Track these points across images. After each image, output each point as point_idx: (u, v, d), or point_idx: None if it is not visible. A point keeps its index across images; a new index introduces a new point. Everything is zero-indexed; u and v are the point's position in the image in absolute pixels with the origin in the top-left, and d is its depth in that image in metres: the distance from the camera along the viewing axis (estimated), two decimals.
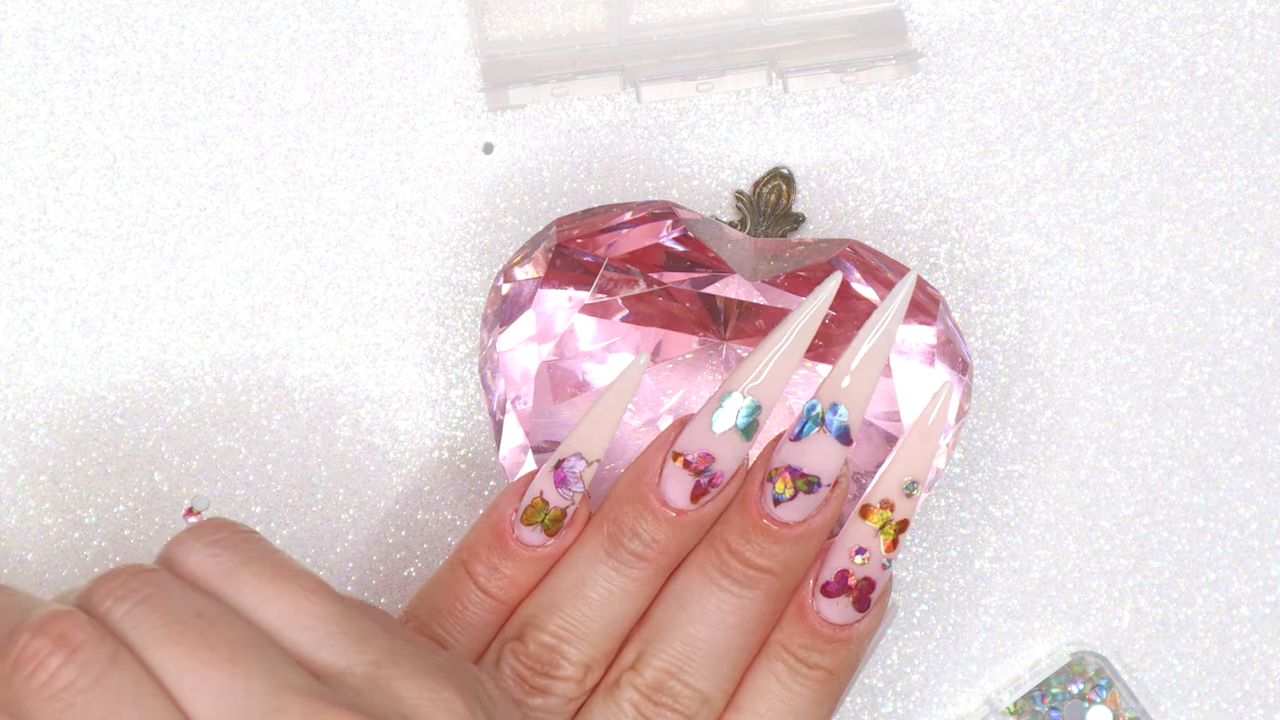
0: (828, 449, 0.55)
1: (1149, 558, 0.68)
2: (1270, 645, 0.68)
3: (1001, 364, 0.68)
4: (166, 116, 0.66)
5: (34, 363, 0.66)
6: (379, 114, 0.67)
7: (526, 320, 0.62)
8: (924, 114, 0.67)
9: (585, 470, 0.57)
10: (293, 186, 0.67)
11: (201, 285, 0.67)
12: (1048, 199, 0.68)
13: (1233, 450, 0.68)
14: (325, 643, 0.50)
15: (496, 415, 0.63)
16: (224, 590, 0.51)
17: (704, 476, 0.56)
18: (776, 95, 0.67)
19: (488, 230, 0.67)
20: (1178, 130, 0.68)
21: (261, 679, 0.48)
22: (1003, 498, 0.68)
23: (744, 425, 0.56)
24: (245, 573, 0.51)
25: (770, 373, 0.56)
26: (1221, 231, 0.68)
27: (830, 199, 0.67)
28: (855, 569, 0.57)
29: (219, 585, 0.51)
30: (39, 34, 0.66)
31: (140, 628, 0.49)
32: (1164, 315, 0.68)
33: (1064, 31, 0.68)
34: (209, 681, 0.48)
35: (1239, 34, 0.68)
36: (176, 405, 0.66)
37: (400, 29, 0.67)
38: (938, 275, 0.67)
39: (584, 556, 0.57)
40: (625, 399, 0.56)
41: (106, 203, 0.66)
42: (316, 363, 0.67)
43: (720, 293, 0.62)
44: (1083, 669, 0.67)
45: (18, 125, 0.66)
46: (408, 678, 0.50)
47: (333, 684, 0.49)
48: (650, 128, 0.67)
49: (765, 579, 0.56)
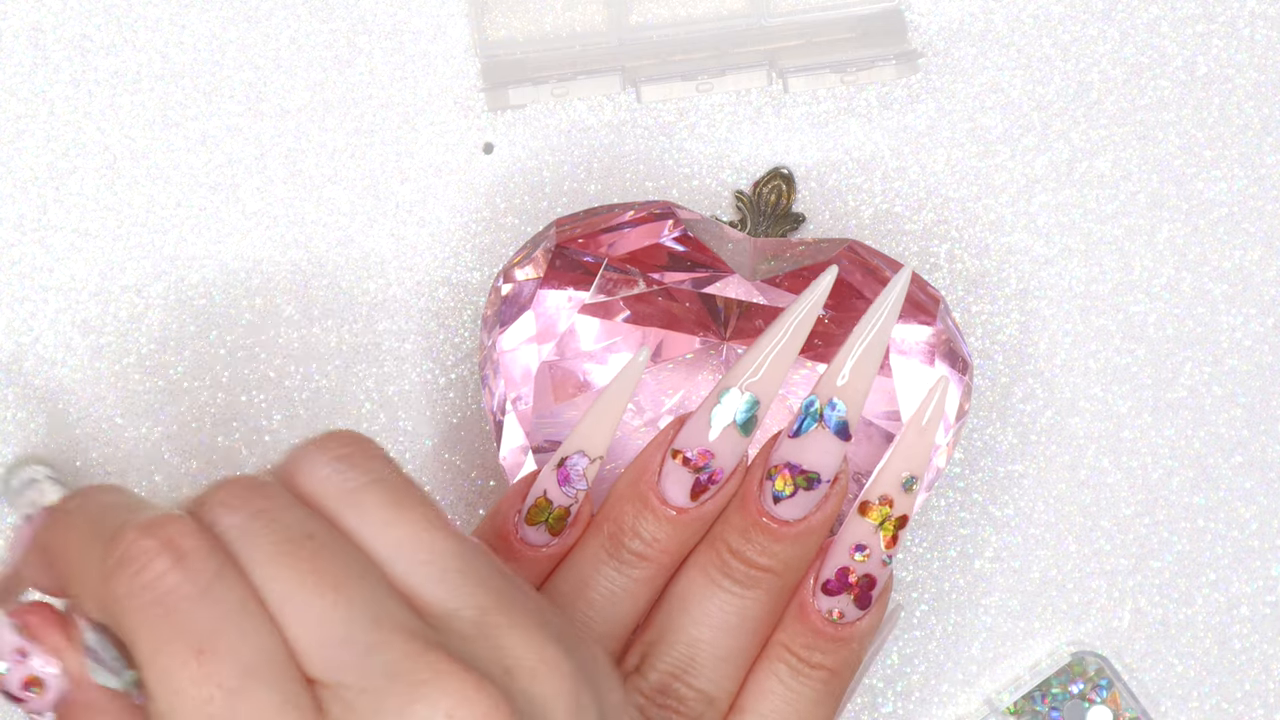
0: (827, 445, 0.55)
1: (1149, 558, 0.68)
2: (1270, 645, 0.68)
3: (1001, 364, 0.68)
4: (166, 116, 0.67)
5: (34, 363, 0.66)
6: (379, 114, 0.67)
7: (526, 320, 0.62)
8: (924, 114, 0.67)
9: (588, 468, 0.56)
10: (293, 186, 0.67)
11: (201, 285, 0.67)
12: (1048, 199, 0.68)
13: (1233, 450, 0.68)
14: (439, 579, 0.48)
15: (496, 415, 0.63)
16: (343, 510, 0.49)
17: (703, 474, 0.56)
18: (776, 95, 0.67)
19: (488, 230, 0.67)
20: (1178, 130, 0.68)
21: (365, 610, 0.47)
22: (1003, 498, 0.68)
23: (743, 421, 0.56)
24: (368, 495, 0.49)
25: (768, 368, 0.55)
26: (1221, 231, 0.68)
27: (830, 199, 0.67)
28: (855, 566, 0.56)
29: (338, 505, 0.49)
30: (39, 34, 0.66)
31: (249, 543, 0.47)
32: (1164, 315, 0.68)
33: (1064, 31, 0.68)
34: (311, 607, 0.47)
35: (1239, 34, 0.68)
36: (176, 405, 0.66)
37: (400, 29, 0.67)
38: (938, 275, 0.67)
39: (585, 558, 0.57)
40: (627, 395, 0.56)
41: (106, 203, 0.66)
42: (316, 363, 0.67)
43: (720, 293, 0.62)
44: (1083, 669, 0.67)
45: (18, 125, 0.66)
46: (516, 629, 0.48)
47: (439, 625, 0.48)
48: (650, 128, 0.67)
49: (766, 578, 0.56)
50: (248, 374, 0.67)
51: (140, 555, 0.47)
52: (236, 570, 0.47)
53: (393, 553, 0.49)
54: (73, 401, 0.66)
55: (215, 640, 0.46)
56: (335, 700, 0.46)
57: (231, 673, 0.46)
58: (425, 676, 0.46)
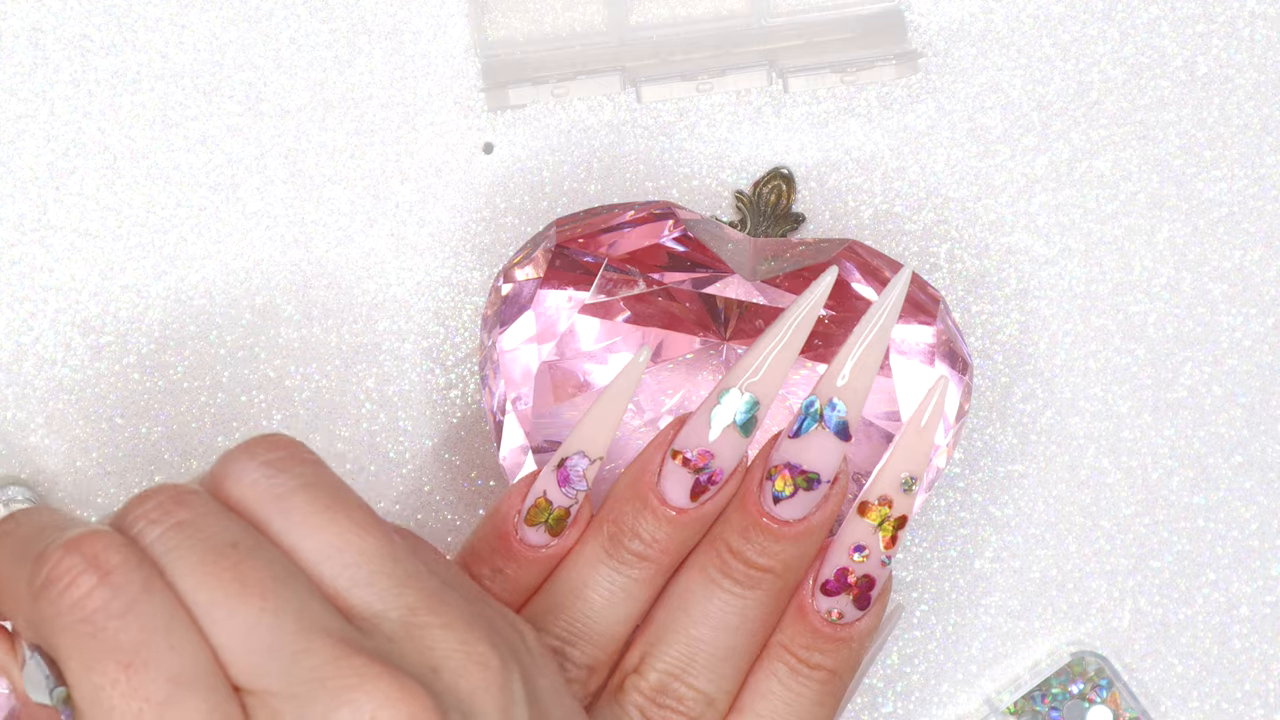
0: (827, 445, 0.55)
1: (1149, 558, 0.68)
2: (1270, 645, 0.68)
3: (1001, 364, 0.68)
4: (166, 116, 0.67)
5: (34, 363, 0.66)
6: (379, 114, 0.67)
7: (526, 320, 0.62)
8: (924, 114, 0.67)
9: (588, 468, 0.56)
10: (293, 186, 0.67)
11: (201, 285, 0.67)
12: (1048, 199, 0.68)
13: (1233, 450, 0.68)
14: (366, 582, 0.49)
15: (497, 415, 0.63)
16: (271, 515, 0.49)
17: (703, 474, 0.56)
18: (776, 95, 0.67)
19: (488, 230, 0.67)
20: (1178, 130, 0.68)
21: (290, 617, 0.47)
22: (1003, 498, 0.68)
23: (742, 421, 0.56)
24: (297, 499, 0.49)
25: (768, 368, 0.55)
26: (1221, 231, 0.68)
27: (830, 199, 0.67)
28: (855, 566, 0.56)
29: (266, 509, 0.49)
30: (39, 34, 0.66)
31: (173, 554, 0.48)
32: (1164, 315, 0.68)
33: (1064, 31, 0.68)
34: (237, 616, 0.47)
35: (1239, 34, 0.68)
36: (177, 404, 0.66)
37: (400, 29, 0.67)
38: (938, 275, 0.67)
39: (585, 558, 0.57)
40: (627, 395, 0.56)
41: (106, 203, 0.66)
42: (316, 363, 0.67)
43: (720, 293, 0.62)
44: (1083, 669, 0.67)
45: (18, 125, 0.66)
46: (443, 628, 0.48)
47: (367, 627, 0.48)
48: (650, 128, 0.67)
49: (766, 578, 0.56)
50: (248, 374, 0.67)
51: (65, 574, 0.47)
52: (162, 582, 0.47)
53: (320, 556, 0.49)
54: (73, 401, 0.66)
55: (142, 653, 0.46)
56: (262, 707, 0.47)
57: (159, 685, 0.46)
58: (351, 681, 0.46)
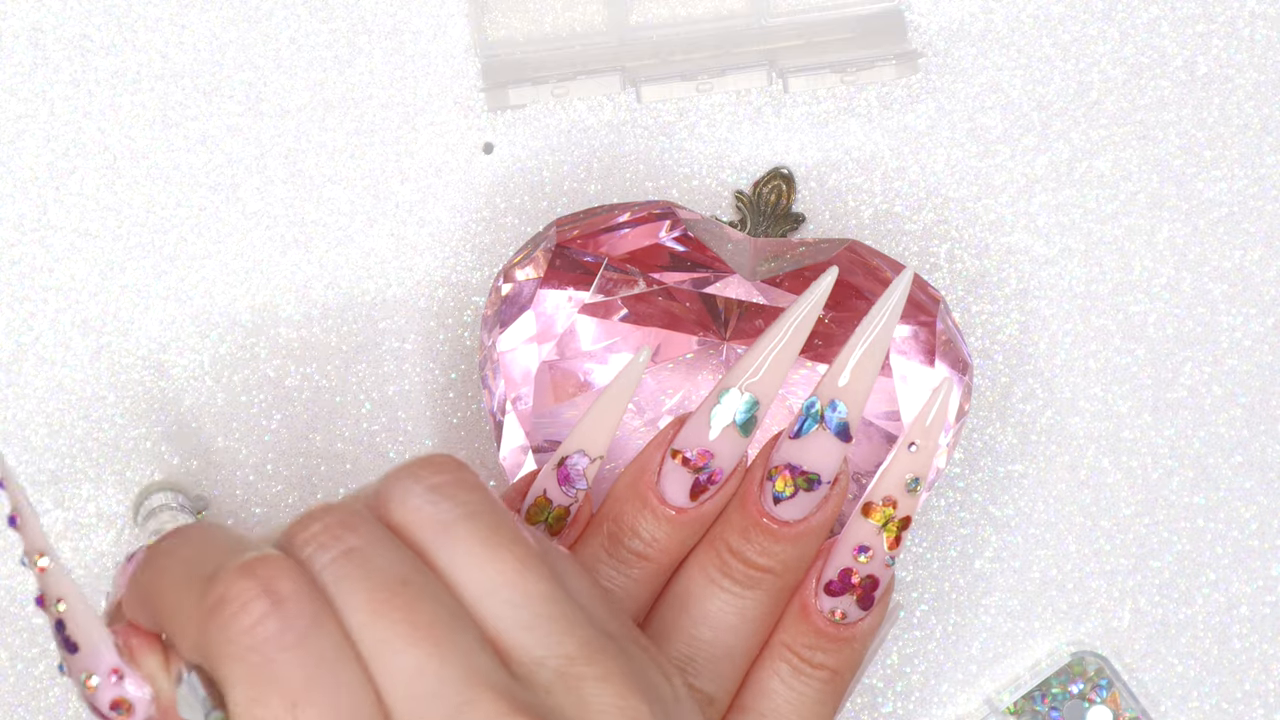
0: (827, 446, 0.55)
1: (1149, 558, 0.68)
2: (1270, 645, 0.68)
3: (1001, 364, 0.68)
4: (166, 116, 0.67)
5: (34, 363, 0.66)
6: (379, 114, 0.67)
7: (526, 320, 0.62)
8: (924, 114, 0.67)
9: (589, 467, 0.56)
10: (293, 186, 0.67)
11: (201, 285, 0.67)
12: (1048, 199, 0.68)
13: (1233, 450, 0.68)
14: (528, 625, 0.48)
15: (496, 415, 0.63)
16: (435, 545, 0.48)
17: (703, 474, 0.56)
18: (776, 95, 0.67)
19: (488, 230, 0.67)
20: (1178, 130, 0.68)
21: (458, 666, 0.46)
22: (1003, 498, 0.68)
23: (742, 421, 0.56)
24: (462, 529, 0.48)
25: (768, 368, 0.55)
26: (1221, 231, 0.68)
27: (830, 199, 0.67)
28: (858, 567, 0.56)
29: (431, 538, 0.48)
30: (39, 34, 0.66)
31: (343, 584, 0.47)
32: (1164, 315, 0.68)
33: (1064, 31, 0.68)
34: (404, 659, 0.46)
35: (1239, 34, 0.68)
36: (176, 405, 0.66)
37: (400, 29, 0.67)
38: (938, 275, 0.67)
39: (585, 557, 0.57)
40: (627, 395, 0.56)
41: (106, 203, 0.66)
42: (316, 363, 0.67)
43: (720, 293, 0.62)
44: (1083, 669, 0.67)
45: (18, 125, 0.66)
46: (599, 680, 0.48)
47: (524, 674, 0.47)
48: (650, 128, 0.67)
49: (766, 579, 0.56)
50: (248, 374, 0.67)
51: (237, 598, 0.46)
52: (332, 616, 0.47)
53: (483, 594, 0.48)
54: (73, 401, 0.66)
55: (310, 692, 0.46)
56: None
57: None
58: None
